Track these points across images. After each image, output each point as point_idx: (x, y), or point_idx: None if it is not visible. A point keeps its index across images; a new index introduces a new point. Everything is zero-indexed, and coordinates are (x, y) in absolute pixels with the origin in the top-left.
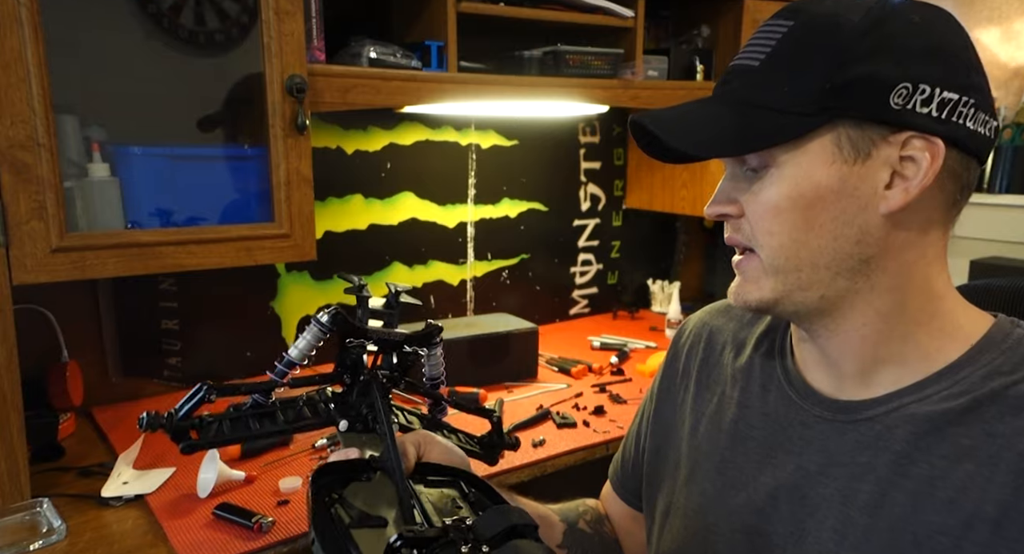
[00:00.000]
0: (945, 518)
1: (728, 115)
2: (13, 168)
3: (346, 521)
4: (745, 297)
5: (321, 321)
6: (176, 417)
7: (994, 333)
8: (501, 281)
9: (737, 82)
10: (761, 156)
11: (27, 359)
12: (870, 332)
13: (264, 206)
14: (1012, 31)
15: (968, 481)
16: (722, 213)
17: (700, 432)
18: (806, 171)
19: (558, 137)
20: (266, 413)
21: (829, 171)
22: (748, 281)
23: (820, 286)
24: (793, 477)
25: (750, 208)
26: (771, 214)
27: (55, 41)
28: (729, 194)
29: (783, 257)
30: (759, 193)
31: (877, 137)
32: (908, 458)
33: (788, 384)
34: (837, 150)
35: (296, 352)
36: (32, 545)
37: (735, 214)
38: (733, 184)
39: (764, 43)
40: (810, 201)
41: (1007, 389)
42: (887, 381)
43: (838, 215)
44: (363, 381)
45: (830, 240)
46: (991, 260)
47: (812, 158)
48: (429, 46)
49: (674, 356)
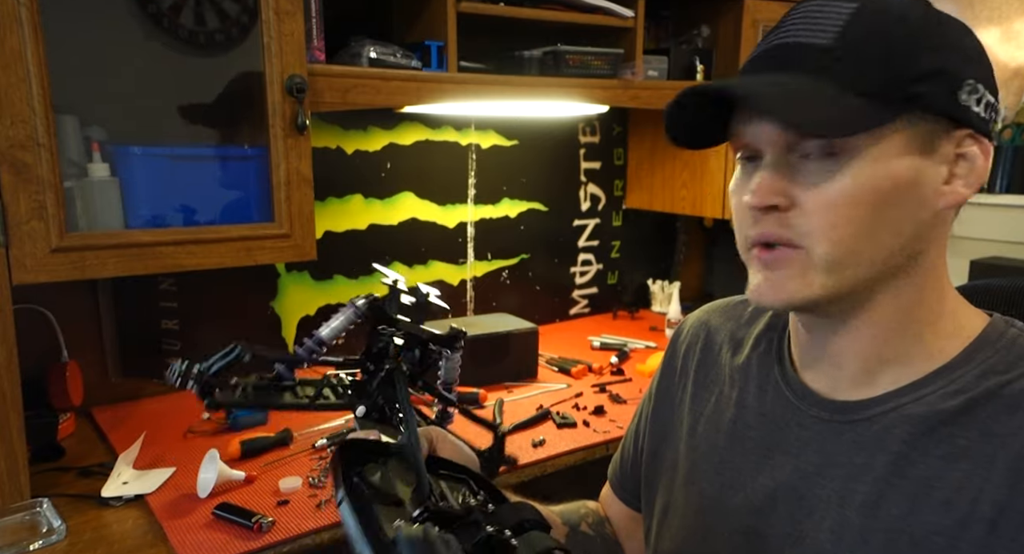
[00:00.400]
0: (941, 518)
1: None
2: (13, 168)
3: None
4: (790, 296)
5: (357, 304)
6: (207, 373)
7: (989, 332)
8: (501, 281)
9: (810, 59)
10: (827, 142)
11: (27, 359)
12: (882, 330)
13: (264, 206)
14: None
15: (964, 481)
16: (772, 204)
17: (698, 432)
18: (882, 161)
19: (558, 137)
20: (288, 387)
21: (903, 162)
22: (791, 278)
23: (864, 282)
24: (791, 478)
25: (810, 199)
26: (840, 206)
27: (55, 41)
28: (778, 183)
29: (843, 252)
30: (825, 183)
31: (943, 132)
32: (905, 459)
33: (785, 384)
34: (910, 142)
35: (328, 331)
36: (32, 545)
37: (785, 206)
38: (777, 172)
39: (829, 22)
40: (885, 194)
41: (1002, 388)
42: (885, 381)
43: (904, 209)
44: (386, 370)
45: (892, 236)
46: (991, 260)
47: (889, 148)
48: (429, 46)
49: (672, 356)
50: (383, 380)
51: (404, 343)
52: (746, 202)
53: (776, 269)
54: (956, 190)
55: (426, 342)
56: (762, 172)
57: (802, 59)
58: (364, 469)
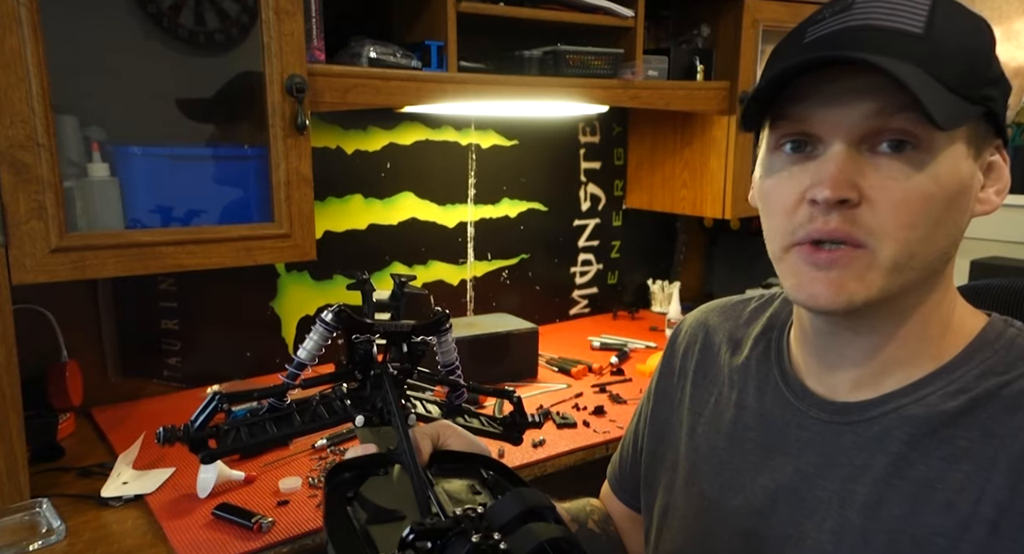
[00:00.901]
0: (943, 519)
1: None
2: (13, 168)
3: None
4: (850, 298)
5: (325, 320)
6: (192, 429)
7: (988, 332)
8: (501, 281)
9: (904, 46)
10: (905, 136)
11: (27, 359)
12: (903, 333)
13: (264, 206)
14: (1012, 31)
15: (966, 482)
16: (845, 198)
17: (697, 433)
18: (955, 161)
19: (558, 137)
20: (282, 416)
21: (967, 165)
22: (851, 279)
23: (914, 285)
24: (791, 479)
25: (883, 196)
26: (916, 204)
27: (55, 41)
28: (851, 175)
29: (910, 254)
30: (902, 180)
31: (989, 139)
32: (905, 460)
33: (785, 385)
34: (970, 145)
35: (305, 353)
36: (32, 545)
37: (856, 200)
38: (852, 165)
39: (912, 8)
40: (952, 196)
41: (1001, 389)
42: (889, 382)
43: (957, 213)
44: (375, 375)
45: (945, 238)
46: (991, 260)
47: (959, 148)
48: (429, 46)
49: (671, 355)
50: (374, 385)
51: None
52: (816, 195)
53: (834, 269)
54: (990, 198)
55: (408, 335)
56: (832, 162)
57: (892, 45)
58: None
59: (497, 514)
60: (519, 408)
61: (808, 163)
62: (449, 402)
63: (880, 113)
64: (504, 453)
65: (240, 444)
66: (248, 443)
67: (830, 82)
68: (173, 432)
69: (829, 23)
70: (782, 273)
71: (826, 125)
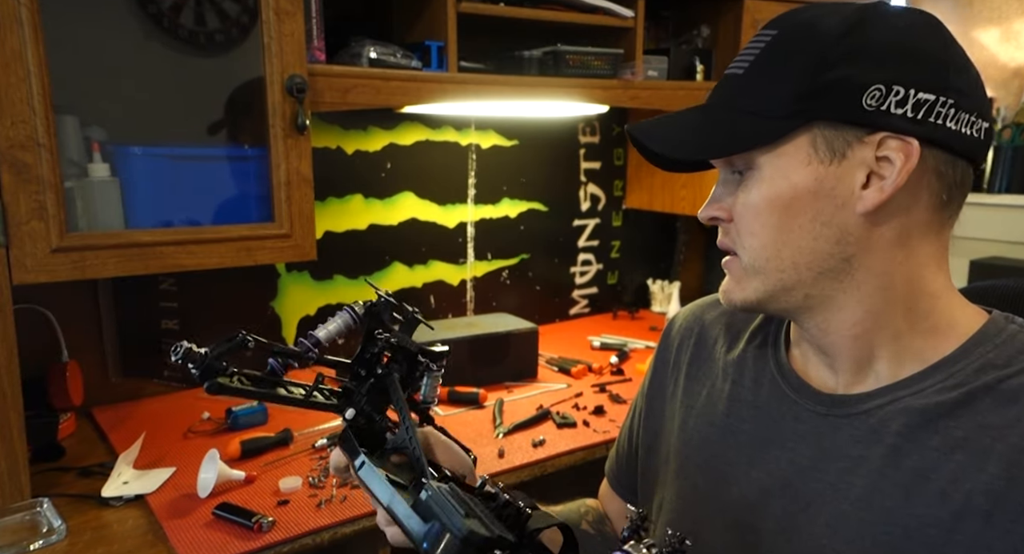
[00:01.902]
0: (937, 510)
1: (711, 120)
2: (13, 168)
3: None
4: (731, 297)
5: (355, 309)
6: (210, 356)
7: (988, 328)
8: (501, 281)
9: (724, 89)
10: (745, 159)
11: (27, 359)
12: (862, 331)
13: (264, 206)
14: (1012, 31)
15: (960, 472)
16: (713, 216)
17: (689, 426)
18: (783, 172)
19: (558, 137)
20: (280, 384)
21: (805, 172)
22: (734, 283)
23: (803, 286)
24: (785, 472)
25: (736, 211)
26: (751, 215)
27: (55, 41)
28: (719, 199)
29: (763, 258)
30: (741, 195)
31: (852, 138)
32: (900, 450)
33: (782, 378)
34: (813, 151)
35: (324, 333)
36: (32, 545)
37: (725, 218)
38: (723, 189)
39: (750, 52)
40: (787, 202)
41: (1000, 382)
42: (882, 376)
43: (816, 215)
44: (377, 376)
45: (810, 240)
46: (991, 260)
47: (788, 160)
48: (429, 46)
49: (664, 349)
50: (372, 387)
51: (392, 355)
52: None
53: (728, 273)
54: (867, 196)
55: (415, 354)
56: (713, 189)
57: (720, 90)
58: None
59: None
60: None
61: None
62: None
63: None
64: (504, 452)
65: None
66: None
67: None
68: (191, 353)
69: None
70: None
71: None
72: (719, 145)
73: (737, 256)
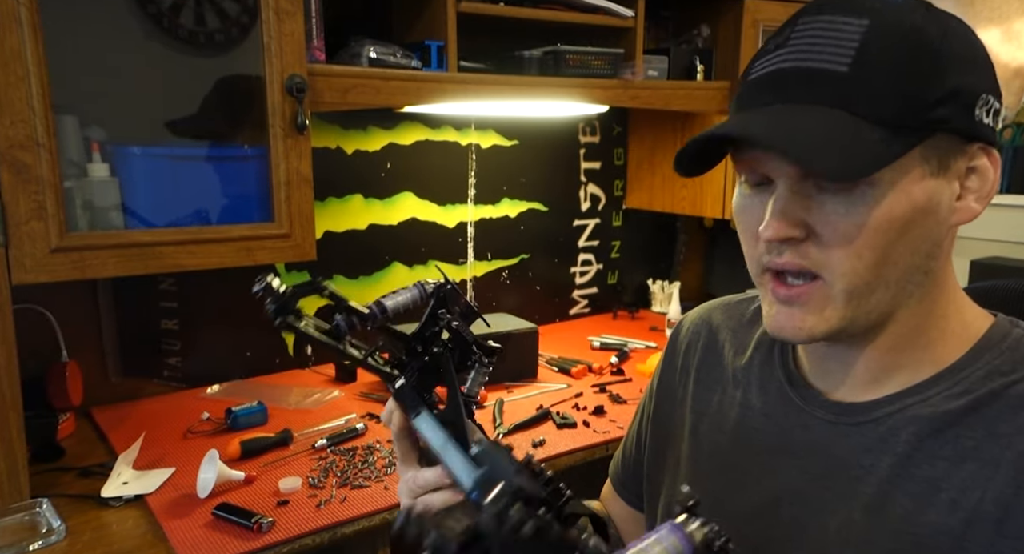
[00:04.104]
0: (947, 518)
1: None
2: (13, 168)
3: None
4: (810, 331)
5: (424, 286)
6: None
7: (994, 333)
8: (501, 281)
9: (825, 88)
10: None
11: (27, 359)
12: (900, 340)
13: (264, 206)
14: (1012, 31)
15: (970, 481)
16: (789, 236)
17: (701, 432)
18: (902, 188)
19: (558, 137)
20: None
21: (921, 187)
22: (810, 313)
23: (884, 304)
24: (796, 480)
25: (829, 230)
26: (860, 238)
27: (55, 41)
28: (795, 214)
29: (865, 282)
30: (847, 214)
31: (957, 149)
32: (910, 459)
33: (790, 386)
34: (926, 164)
35: (392, 303)
36: (32, 545)
37: (802, 237)
38: (795, 202)
39: (842, 44)
40: (906, 221)
41: (1007, 389)
42: (892, 384)
43: (923, 231)
44: (432, 354)
45: (910, 257)
46: (991, 260)
47: (909, 175)
48: (429, 46)
49: (672, 353)
50: (425, 365)
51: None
52: (761, 233)
53: (795, 305)
54: (969, 206)
55: (470, 344)
56: (777, 203)
57: (817, 88)
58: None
59: None
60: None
61: (763, 196)
62: None
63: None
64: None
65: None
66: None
67: None
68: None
69: (770, 60)
70: (760, 296)
71: (769, 166)
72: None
73: (820, 280)
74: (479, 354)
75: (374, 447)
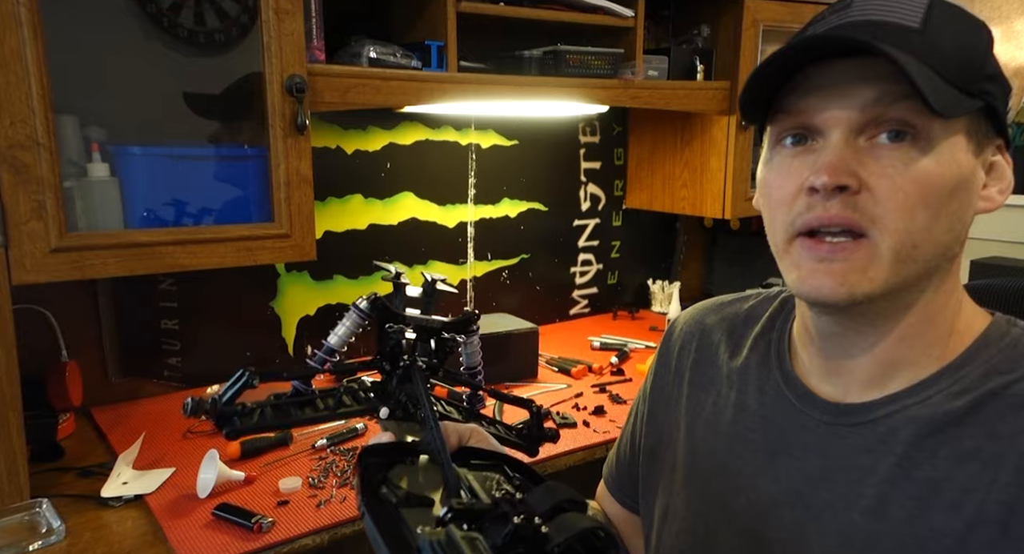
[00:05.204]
0: (949, 520)
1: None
2: (13, 168)
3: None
4: (851, 290)
5: (359, 307)
6: (220, 403)
7: (991, 332)
8: (501, 281)
9: (902, 38)
10: (904, 126)
11: (27, 359)
12: (911, 331)
13: (264, 206)
14: (1012, 31)
15: (972, 482)
16: (844, 184)
17: (696, 434)
18: (953, 152)
19: (558, 137)
20: (307, 401)
21: (966, 158)
22: (853, 271)
23: (916, 276)
24: (794, 482)
25: (886, 183)
26: (915, 192)
27: (55, 41)
28: (849, 165)
29: (911, 243)
30: (907, 165)
31: (988, 138)
32: (911, 460)
33: (787, 388)
34: (970, 139)
35: (335, 339)
36: (31, 545)
37: (855, 188)
38: (850, 152)
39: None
40: (952, 187)
41: (1006, 388)
42: (893, 384)
43: (958, 207)
44: (403, 367)
45: (946, 232)
46: (991, 260)
47: (958, 141)
48: (429, 46)
49: (666, 354)
50: (401, 377)
51: (416, 336)
52: (814, 182)
53: (836, 261)
54: (992, 196)
55: (438, 331)
56: (832, 151)
57: (893, 37)
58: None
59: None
60: (538, 419)
61: (808, 155)
62: (469, 407)
63: (878, 102)
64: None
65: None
66: (272, 423)
67: (828, 74)
68: (201, 404)
69: (829, 21)
70: (785, 267)
71: (824, 116)
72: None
73: (866, 238)
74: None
75: None
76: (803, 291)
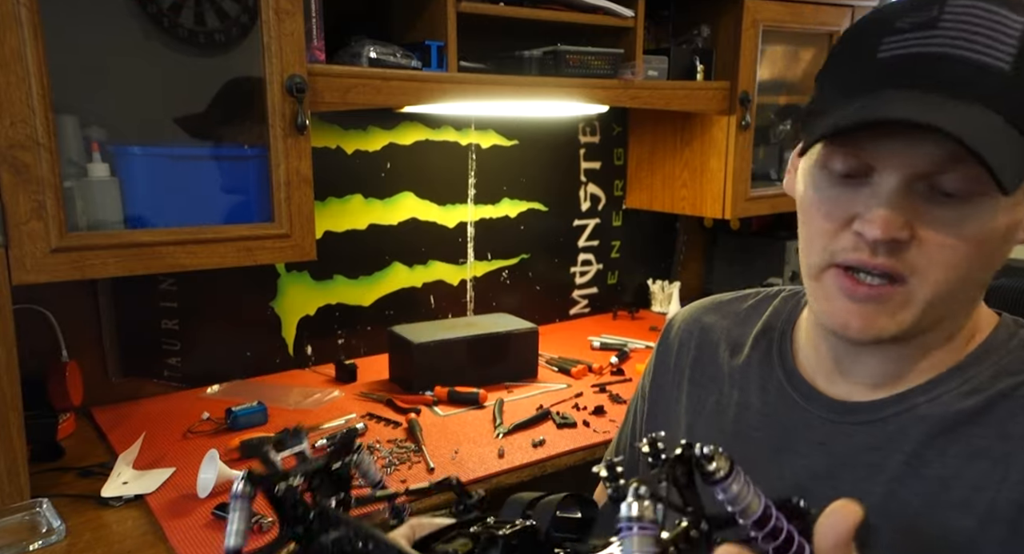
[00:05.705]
0: (960, 518)
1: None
2: (13, 168)
3: None
4: (879, 332)
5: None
6: None
7: (1000, 332)
8: (501, 281)
9: (984, 83)
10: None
11: (27, 359)
12: (934, 342)
13: (264, 206)
14: None
15: (982, 480)
16: (898, 238)
17: (698, 433)
18: (1009, 208)
19: (558, 137)
20: None
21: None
22: (883, 314)
23: (947, 311)
24: (800, 478)
25: (938, 238)
26: (967, 250)
27: (55, 41)
28: (903, 215)
29: (948, 292)
30: (959, 225)
31: None
32: (920, 459)
33: (790, 386)
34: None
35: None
36: (32, 545)
37: (906, 239)
38: (908, 203)
39: (1003, 38)
40: (1001, 239)
41: (1016, 389)
42: (901, 383)
43: (1006, 249)
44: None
45: (986, 272)
46: None
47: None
48: (429, 46)
49: (664, 353)
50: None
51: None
52: (864, 230)
53: (870, 304)
54: None
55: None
56: (887, 200)
57: (979, 83)
58: None
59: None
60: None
61: (861, 188)
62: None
63: (947, 159)
64: (504, 452)
65: None
66: None
67: None
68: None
69: (909, 41)
70: (813, 293)
71: (885, 158)
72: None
73: (904, 284)
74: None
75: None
76: (829, 323)
